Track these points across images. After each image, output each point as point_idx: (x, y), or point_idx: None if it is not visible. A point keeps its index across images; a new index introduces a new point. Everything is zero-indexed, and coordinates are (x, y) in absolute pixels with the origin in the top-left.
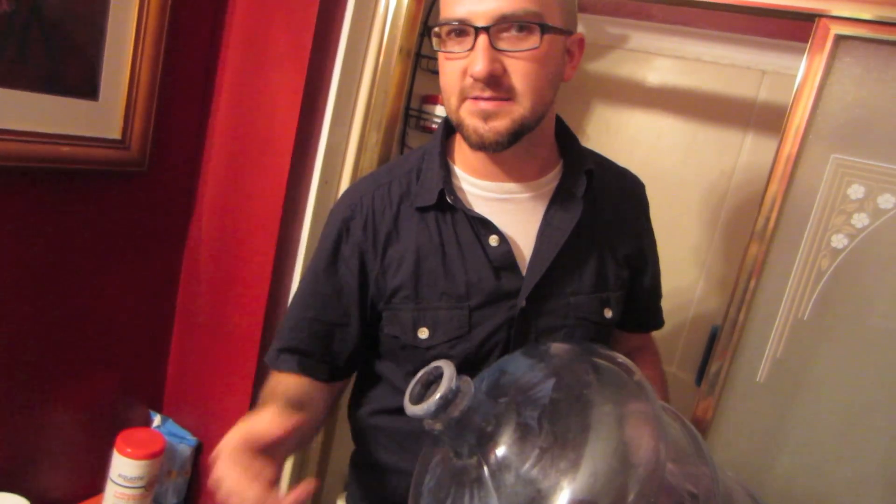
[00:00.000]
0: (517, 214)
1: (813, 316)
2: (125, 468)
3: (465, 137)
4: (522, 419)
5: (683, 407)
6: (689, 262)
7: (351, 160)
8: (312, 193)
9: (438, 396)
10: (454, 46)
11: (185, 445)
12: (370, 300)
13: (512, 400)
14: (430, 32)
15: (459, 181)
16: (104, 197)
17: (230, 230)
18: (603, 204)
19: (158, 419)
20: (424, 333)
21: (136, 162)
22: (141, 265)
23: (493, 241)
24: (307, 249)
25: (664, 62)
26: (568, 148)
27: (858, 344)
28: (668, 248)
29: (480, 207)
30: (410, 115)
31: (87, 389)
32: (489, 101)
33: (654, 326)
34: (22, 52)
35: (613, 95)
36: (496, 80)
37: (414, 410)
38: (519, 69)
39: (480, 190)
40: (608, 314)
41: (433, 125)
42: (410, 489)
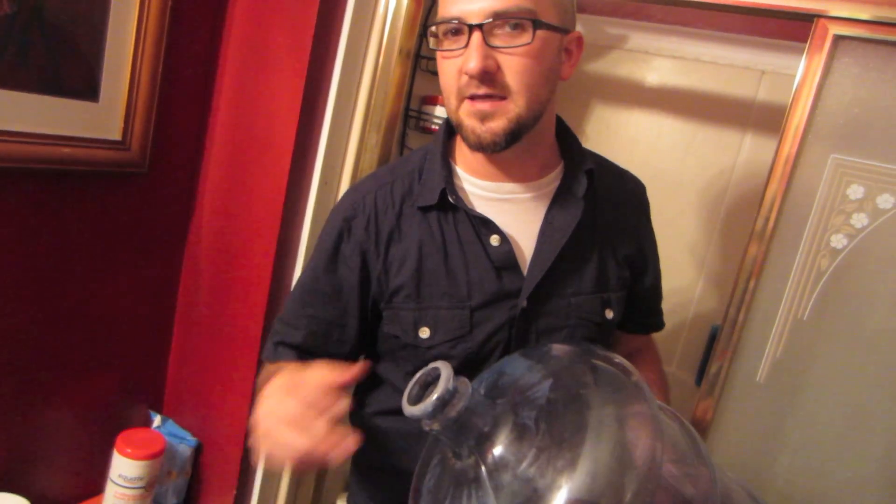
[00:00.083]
0: (518, 215)
1: (812, 316)
2: (125, 468)
3: (464, 139)
4: (520, 419)
5: (683, 407)
6: (688, 261)
7: (351, 161)
8: (312, 194)
9: (436, 397)
10: (450, 45)
11: (185, 446)
12: (371, 299)
13: (509, 400)
14: (427, 33)
15: (461, 181)
16: (105, 198)
17: (230, 231)
18: (604, 204)
19: (158, 419)
20: (425, 333)
21: (136, 163)
22: (141, 266)
23: (494, 240)
24: (307, 250)
25: (663, 62)
26: (569, 148)
27: (858, 344)
28: (667, 247)
29: (482, 208)
30: (410, 115)
31: (87, 390)
32: (485, 100)
33: (654, 328)
34: (22, 53)
35: (612, 96)
36: (490, 76)
37: (411, 411)
38: (513, 65)
39: (482, 190)
40: (609, 315)
41: (433, 126)
42: (410, 489)
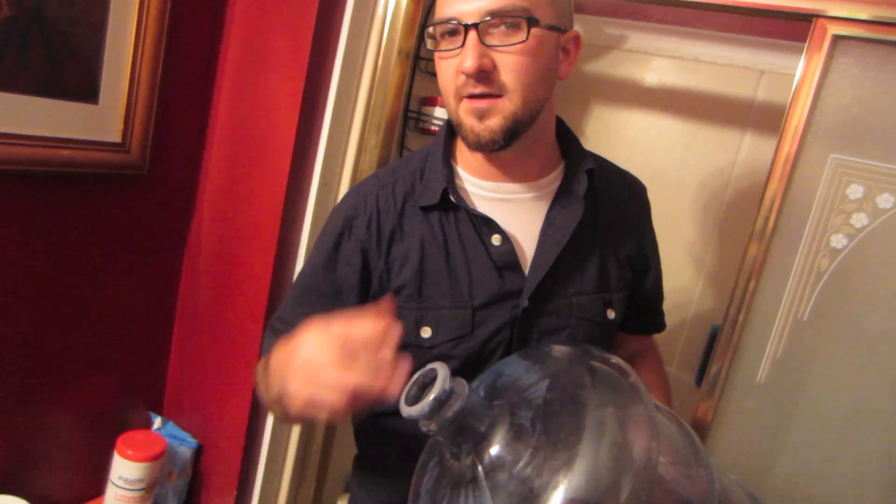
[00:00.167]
0: (519, 214)
1: (812, 316)
2: (126, 470)
3: (463, 138)
4: (516, 420)
5: (683, 407)
6: (687, 261)
7: (350, 162)
8: (312, 195)
9: (432, 398)
10: (447, 46)
11: (185, 447)
12: (371, 299)
13: (507, 401)
14: (425, 34)
15: (462, 182)
16: (104, 200)
17: (230, 232)
18: (604, 205)
19: (159, 421)
20: (427, 333)
21: (136, 165)
22: (141, 268)
23: (495, 240)
24: (307, 251)
25: (662, 62)
26: (569, 149)
27: (858, 344)
28: (667, 247)
29: (483, 208)
30: (409, 116)
31: (87, 391)
32: (481, 98)
33: (656, 329)
34: (22, 55)
35: (612, 96)
36: (486, 75)
37: (409, 411)
38: (508, 64)
39: (483, 190)
40: (611, 315)
41: (432, 127)
42: (410, 490)
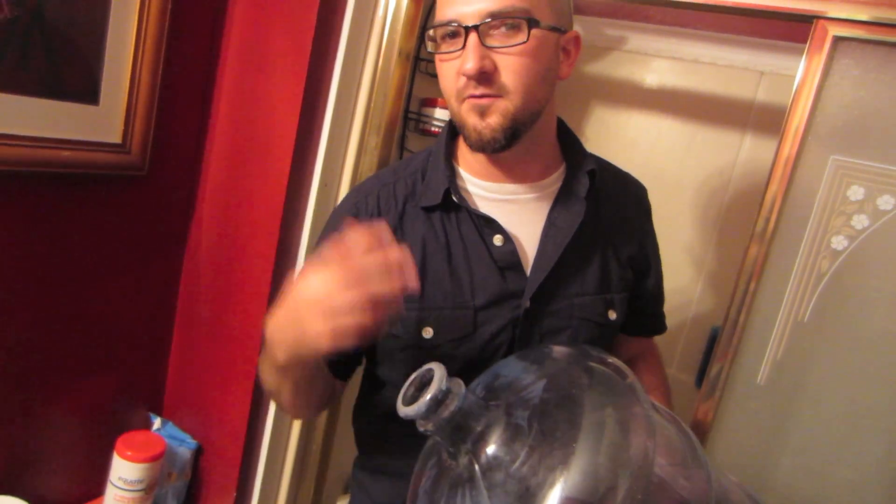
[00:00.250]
0: (521, 215)
1: (813, 318)
2: (125, 471)
3: (466, 138)
4: (513, 419)
5: (683, 408)
6: (687, 262)
7: (351, 163)
8: (312, 196)
9: (429, 397)
10: (448, 48)
11: (185, 448)
12: None
13: (504, 401)
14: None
15: (464, 182)
16: (105, 201)
17: (230, 233)
18: (606, 206)
19: (158, 422)
20: (428, 333)
21: (136, 166)
22: (141, 268)
23: (497, 240)
24: (307, 252)
25: (662, 63)
26: (570, 150)
27: (859, 346)
28: (666, 248)
29: (485, 208)
30: (410, 118)
31: (87, 392)
32: (482, 98)
33: (656, 331)
34: (23, 57)
35: (612, 97)
36: (487, 77)
37: (405, 411)
38: (509, 65)
39: (484, 191)
40: (612, 315)
41: (432, 128)
42: (409, 491)
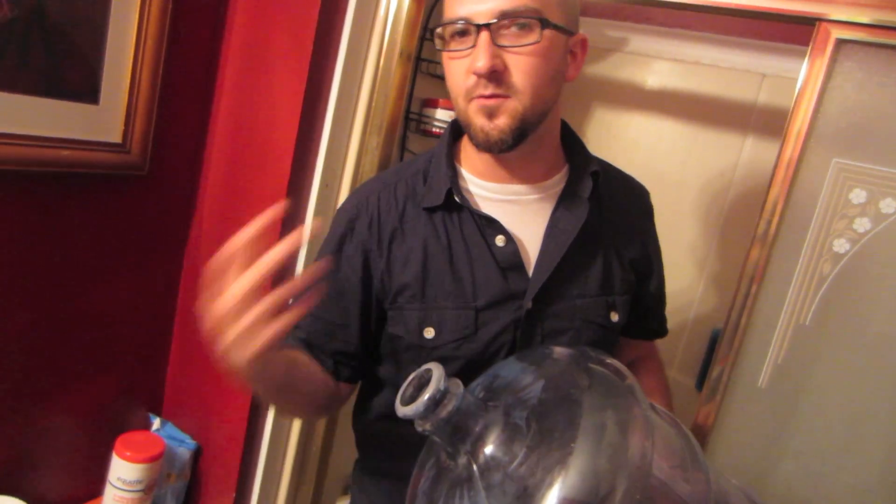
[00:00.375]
0: (524, 216)
1: (815, 321)
2: (124, 471)
3: (471, 137)
4: (511, 419)
5: (683, 410)
6: (688, 264)
7: (351, 163)
8: (313, 197)
9: (427, 397)
10: (457, 46)
11: (184, 449)
12: (374, 300)
13: (502, 401)
14: (433, 34)
15: (466, 183)
16: (105, 200)
17: (231, 234)
18: (609, 208)
19: (158, 422)
20: (430, 333)
21: (136, 165)
22: (141, 269)
23: (499, 241)
24: (307, 253)
25: (664, 65)
26: (573, 151)
27: (860, 349)
28: (667, 250)
29: (487, 209)
30: (411, 118)
31: (86, 392)
32: (491, 98)
33: (658, 334)
34: (23, 56)
35: (613, 98)
36: (497, 76)
37: (404, 411)
38: (520, 65)
39: (487, 192)
40: (614, 317)
41: (433, 129)
42: (408, 490)
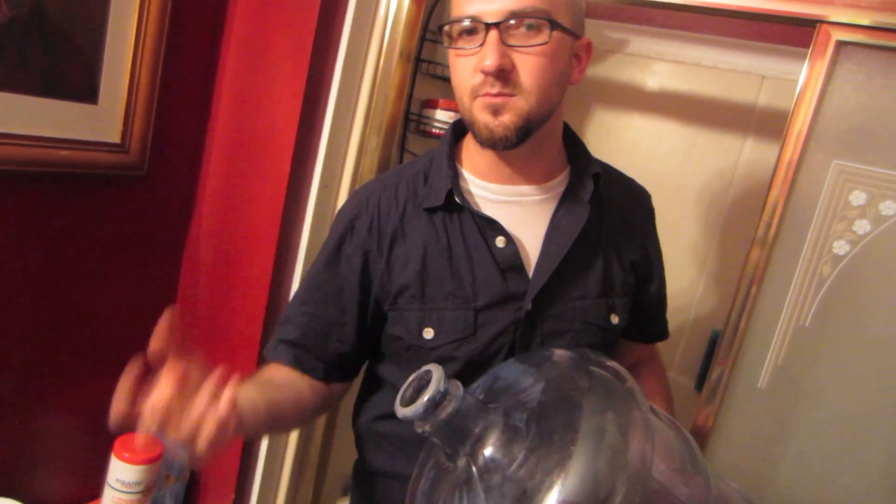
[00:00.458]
0: (524, 217)
1: (814, 322)
2: (123, 473)
3: (475, 134)
4: (511, 421)
5: (683, 412)
6: (688, 266)
7: (351, 164)
8: (312, 197)
9: (426, 399)
10: (465, 44)
11: (183, 450)
12: (373, 301)
13: (502, 403)
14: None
15: (467, 184)
16: (104, 200)
17: (230, 234)
18: (610, 210)
19: None
20: (430, 334)
21: (135, 166)
22: (140, 269)
23: (499, 241)
24: (307, 253)
25: (664, 66)
26: (575, 153)
27: (860, 351)
28: (667, 252)
29: (488, 209)
30: (410, 119)
31: (85, 393)
32: (497, 96)
33: (658, 337)
34: (22, 55)
35: (613, 100)
36: (505, 75)
37: (403, 412)
38: (528, 65)
39: (488, 192)
40: (615, 320)
41: (433, 129)
42: (408, 492)
